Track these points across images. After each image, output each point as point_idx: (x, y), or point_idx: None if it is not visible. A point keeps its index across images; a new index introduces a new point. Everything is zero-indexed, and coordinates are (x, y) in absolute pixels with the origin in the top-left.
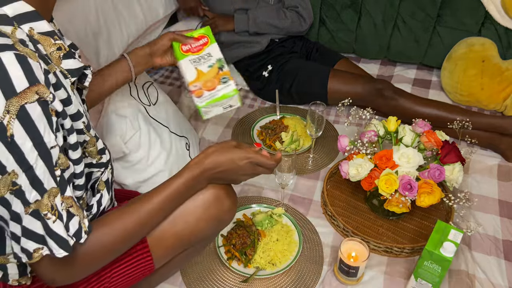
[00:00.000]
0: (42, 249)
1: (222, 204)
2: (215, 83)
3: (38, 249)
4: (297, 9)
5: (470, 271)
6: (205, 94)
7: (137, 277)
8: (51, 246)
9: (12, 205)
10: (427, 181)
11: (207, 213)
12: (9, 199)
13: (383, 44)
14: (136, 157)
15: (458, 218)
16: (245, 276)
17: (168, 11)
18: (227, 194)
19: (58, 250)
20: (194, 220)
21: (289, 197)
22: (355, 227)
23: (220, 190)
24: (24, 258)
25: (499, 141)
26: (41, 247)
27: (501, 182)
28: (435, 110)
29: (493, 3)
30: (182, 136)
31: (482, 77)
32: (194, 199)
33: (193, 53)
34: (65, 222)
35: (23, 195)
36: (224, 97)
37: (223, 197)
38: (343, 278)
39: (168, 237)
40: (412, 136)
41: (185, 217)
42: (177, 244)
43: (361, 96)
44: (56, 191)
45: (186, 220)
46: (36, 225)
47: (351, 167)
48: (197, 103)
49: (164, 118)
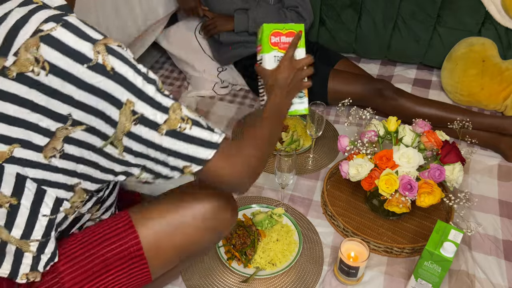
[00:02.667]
0: (191, 166)
1: (222, 215)
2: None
3: (187, 166)
4: (297, 9)
5: (470, 271)
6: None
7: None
8: (195, 155)
9: (142, 135)
10: (427, 181)
11: (206, 225)
12: (137, 131)
13: (383, 44)
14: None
15: (458, 218)
16: (245, 276)
17: (168, 11)
18: (227, 205)
19: (204, 153)
20: (193, 231)
21: (289, 197)
22: (355, 227)
23: (221, 201)
24: (177, 174)
25: (499, 141)
26: (188, 164)
27: (501, 182)
28: (435, 110)
29: (493, 3)
30: None
31: (482, 77)
32: (193, 210)
33: (280, 49)
34: (201, 123)
35: (148, 120)
36: (294, 113)
37: (223, 209)
38: (343, 278)
39: (166, 249)
40: (412, 136)
41: (184, 229)
42: (175, 256)
43: (361, 96)
44: (177, 105)
45: (185, 232)
46: (174, 142)
47: (351, 167)
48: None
49: None
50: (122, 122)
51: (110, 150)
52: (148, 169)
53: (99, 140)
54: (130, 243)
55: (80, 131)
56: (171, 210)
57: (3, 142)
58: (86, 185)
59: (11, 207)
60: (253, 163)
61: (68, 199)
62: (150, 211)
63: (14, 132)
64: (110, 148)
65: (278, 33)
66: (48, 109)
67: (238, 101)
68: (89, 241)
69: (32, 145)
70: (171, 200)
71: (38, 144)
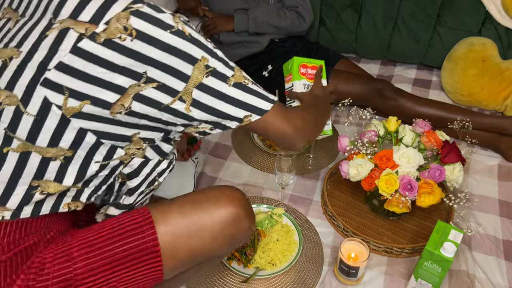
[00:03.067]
0: (251, 116)
1: (240, 224)
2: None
3: (247, 115)
4: (297, 9)
5: (470, 271)
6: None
7: (144, 285)
8: (257, 104)
9: (212, 86)
10: (428, 181)
11: (224, 232)
12: (208, 82)
13: (383, 44)
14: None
15: (458, 218)
16: (245, 276)
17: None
18: (246, 214)
19: (264, 104)
20: (210, 237)
21: (289, 197)
22: (355, 227)
23: (240, 210)
24: (235, 124)
25: (499, 141)
26: (248, 114)
27: (501, 182)
28: (435, 110)
29: (493, 3)
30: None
31: (483, 77)
32: (213, 216)
33: (307, 79)
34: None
35: (219, 73)
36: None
37: (242, 217)
38: (343, 278)
39: (182, 250)
40: (412, 136)
41: (201, 233)
42: (189, 258)
43: (361, 96)
44: (238, 68)
45: (202, 235)
46: (240, 93)
47: (351, 167)
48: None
49: None
50: (195, 76)
51: (177, 106)
52: (209, 121)
53: (168, 97)
54: (148, 238)
55: (151, 89)
56: (191, 212)
57: (75, 97)
58: (144, 134)
59: (65, 159)
60: (307, 121)
61: (123, 147)
62: (170, 210)
63: (88, 89)
64: (177, 104)
65: (305, 65)
66: (126, 68)
67: None
68: (107, 231)
69: (102, 102)
70: (193, 201)
71: (107, 101)
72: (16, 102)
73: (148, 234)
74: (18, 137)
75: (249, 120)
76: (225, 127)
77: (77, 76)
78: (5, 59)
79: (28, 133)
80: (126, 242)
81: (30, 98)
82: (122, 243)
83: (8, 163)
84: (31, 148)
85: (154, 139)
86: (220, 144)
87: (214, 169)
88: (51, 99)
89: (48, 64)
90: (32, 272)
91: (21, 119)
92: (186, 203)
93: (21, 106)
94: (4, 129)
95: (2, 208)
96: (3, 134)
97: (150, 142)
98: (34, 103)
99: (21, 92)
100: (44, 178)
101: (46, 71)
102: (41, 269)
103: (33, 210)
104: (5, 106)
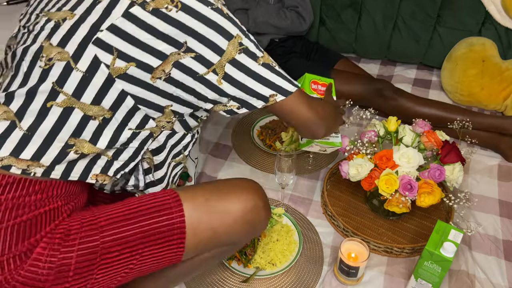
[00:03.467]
0: (276, 96)
1: (259, 213)
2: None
3: (273, 95)
4: (297, 9)
5: (470, 271)
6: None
7: (163, 263)
8: (282, 85)
9: (243, 62)
10: (427, 181)
11: (245, 218)
12: (240, 59)
13: (383, 44)
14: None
15: (458, 218)
16: (245, 276)
17: None
18: (264, 206)
19: (289, 86)
20: (232, 220)
21: (289, 197)
22: (355, 227)
23: (259, 201)
24: (261, 104)
25: (499, 141)
26: (274, 93)
27: (501, 182)
28: (435, 110)
29: (493, 3)
30: None
31: (482, 77)
32: (235, 202)
33: (318, 94)
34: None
35: (251, 52)
36: (330, 144)
37: (260, 208)
38: (343, 278)
39: (204, 230)
40: (412, 136)
41: (223, 215)
42: (210, 239)
43: (361, 96)
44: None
45: (223, 218)
46: (268, 72)
47: (351, 167)
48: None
49: None
50: (229, 51)
51: (210, 77)
52: (238, 98)
53: (203, 68)
54: (176, 215)
55: (189, 58)
56: (215, 196)
57: (123, 59)
58: (176, 107)
59: (103, 121)
60: (327, 111)
61: (155, 118)
62: (196, 192)
63: (135, 52)
64: (211, 75)
65: (316, 82)
66: (169, 36)
67: None
68: (135, 206)
69: (146, 65)
70: (216, 187)
71: (150, 65)
72: (67, 58)
73: (176, 211)
74: (64, 91)
75: (274, 100)
76: (251, 107)
77: (126, 39)
78: (58, 20)
79: (75, 88)
80: (153, 217)
81: (81, 55)
82: (150, 218)
83: (49, 118)
84: (75, 104)
85: (183, 114)
86: (220, 144)
87: (214, 169)
88: (101, 58)
89: (101, 26)
90: (57, 237)
91: (70, 74)
92: (211, 188)
93: (71, 62)
94: (52, 82)
95: (36, 163)
96: (50, 88)
97: (179, 116)
98: (84, 60)
99: (73, 49)
100: (80, 137)
101: (98, 31)
102: (66, 235)
103: (64, 171)
104: (56, 62)
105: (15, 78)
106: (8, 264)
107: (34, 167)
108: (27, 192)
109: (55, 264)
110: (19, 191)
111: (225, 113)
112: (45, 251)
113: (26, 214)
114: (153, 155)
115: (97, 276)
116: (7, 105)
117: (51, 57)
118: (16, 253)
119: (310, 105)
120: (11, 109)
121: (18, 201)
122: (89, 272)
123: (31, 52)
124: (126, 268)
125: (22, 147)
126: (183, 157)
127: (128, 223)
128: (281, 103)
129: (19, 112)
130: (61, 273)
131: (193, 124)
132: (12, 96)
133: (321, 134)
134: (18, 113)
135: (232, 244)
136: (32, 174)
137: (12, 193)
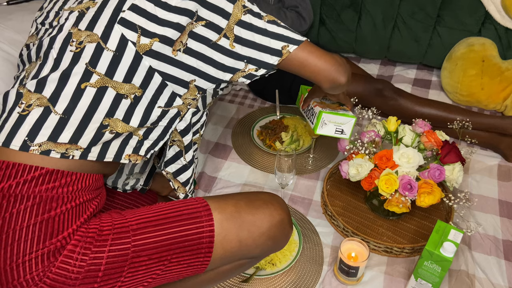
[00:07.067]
0: (288, 47)
1: (284, 228)
2: (337, 108)
3: (284, 46)
4: (297, 9)
5: (470, 271)
6: (327, 109)
7: (188, 272)
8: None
9: (251, 22)
10: (427, 181)
11: (270, 232)
12: (246, 19)
13: (383, 44)
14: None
15: (458, 218)
16: (245, 276)
17: None
18: (289, 222)
19: (298, 36)
20: (258, 232)
21: (289, 197)
22: (355, 227)
23: (286, 217)
24: (276, 60)
25: (499, 141)
26: (285, 44)
27: (501, 182)
28: (435, 110)
29: (493, 3)
30: None
31: (482, 77)
32: (263, 215)
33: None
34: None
35: (255, 12)
36: (343, 115)
37: (286, 223)
38: (343, 278)
39: (232, 241)
40: (412, 136)
41: (251, 227)
42: (236, 251)
43: (361, 96)
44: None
45: (250, 229)
46: (274, 27)
47: (351, 167)
48: (320, 109)
49: None
50: (234, 13)
51: (222, 42)
52: (253, 59)
53: (215, 34)
54: (206, 223)
55: (200, 26)
56: (245, 207)
57: (146, 35)
58: (199, 82)
59: (135, 99)
60: (339, 58)
61: (181, 95)
62: (226, 202)
63: (156, 28)
64: (223, 41)
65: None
66: (182, 8)
67: (238, 101)
68: (165, 212)
69: (167, 39)
70: (246, 198)
71: (171, 38)
72: (97, 39)
73: (206, 219)
74: (97, 71)
75: (288, 52)
76: (268, 65)
77: (146, 17)
78: (81, 9)
79: (107, 67)
80: (184, 224)
81: (109, 36)
82: (180, 224)
83: (84, 99)
84: (108, 83)
85: (206, 90)
86: (220, 144)
87: (214, 169)
88: (127, 36)
89: (122, 7)
90: (89, 236)
91: (101, 54)
92: (240, 199)
93: (101, 43)
94: (85, 63)
95: (74, 146)
96: (83, 70)
97: (203, 92)
98: (113, 39)
99: (101, 30)
100: (114, 116)
101: (121, 12)
102: (99, 234)
103: (100, 153)
104: (87, 44)
105: (44, 65)
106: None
107: (73, 150)
108: (60, 184)
109: (86, 263)
110: (51, 182)
111: (244, 79)
112: (77, 248)
113: (59, 207)
114: (182, 136)
115: (124, 280)
116: (39, 92)
117: (81, 40)
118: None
119: (322, 52)
120: (44, 95)
121: (51, 193)
122: (117, 274)
123: (59, 40)
124: (153, 274)
125: (59, 131)
126: (199, 136)
127: (159, 228)
128: (295, 54)
129: (52, 97)
130: (90, 272)
131: (209, 100)
132: (44, 82)
133: (343, 79)
134: (51, 98)
135: (253, 258)
136: (70, 157)
137: (45, 184)
